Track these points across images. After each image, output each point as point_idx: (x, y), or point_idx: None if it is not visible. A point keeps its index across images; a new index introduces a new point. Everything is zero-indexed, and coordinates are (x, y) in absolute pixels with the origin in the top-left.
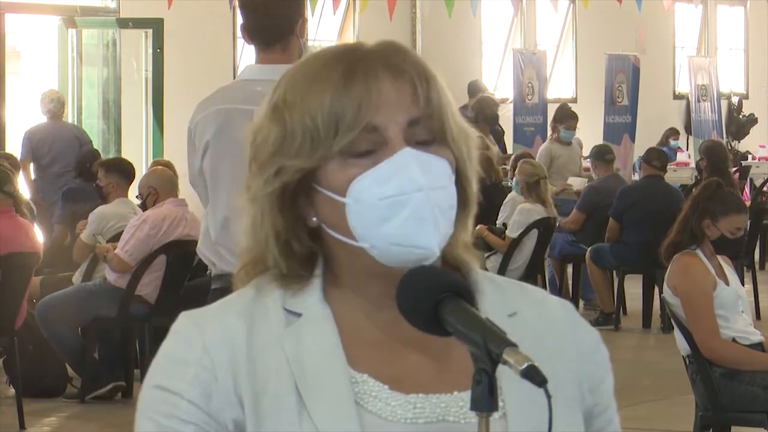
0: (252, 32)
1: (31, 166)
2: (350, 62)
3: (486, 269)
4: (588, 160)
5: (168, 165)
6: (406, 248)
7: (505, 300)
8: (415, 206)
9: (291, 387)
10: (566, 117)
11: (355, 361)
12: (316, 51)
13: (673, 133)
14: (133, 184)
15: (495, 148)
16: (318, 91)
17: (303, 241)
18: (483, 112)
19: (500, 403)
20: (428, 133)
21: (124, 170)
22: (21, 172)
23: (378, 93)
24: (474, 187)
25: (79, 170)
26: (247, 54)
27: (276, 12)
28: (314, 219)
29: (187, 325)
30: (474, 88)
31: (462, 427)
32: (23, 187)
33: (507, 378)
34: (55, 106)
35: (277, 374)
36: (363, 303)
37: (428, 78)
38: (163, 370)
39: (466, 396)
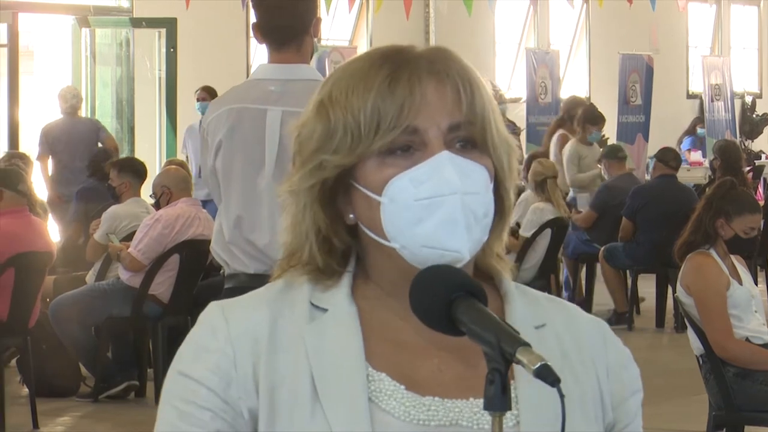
0: (266, 31)
1: (49, 162)
2: (396, 63)
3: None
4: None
5: (182, 164)
6: (436, 251)
7: (535, 312)
8: (449, 209)
9: (308, 381)
10: (599, 118)
11: (375, 359)
12: (366, 51)
13: (699, 121)
14: (145, 183)
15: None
16: (363, 89)
17: (342, 238)
18: (569, 113)
19: (515, 411)
20: (469, 138)
21: (136, 170)
22: (40, 169)
23: (421, 96)
24: (512, 198)
25: (92, 170)
26: (260, 53)
27: (291, 11)
28: (351, 216)
29: (214, 313)
30: None
31: None
32: (41, 183)
33: (522, 385)
34: (77, 102)
35: (296, 368)
36: (393, 303)
37: (473, 84)
38: (186, 356)
39: (482, 403)
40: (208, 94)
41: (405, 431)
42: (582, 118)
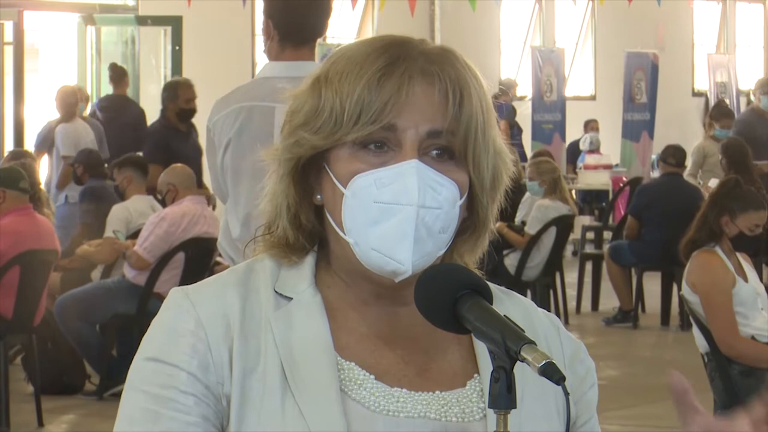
0: (288, 28)
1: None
2: (394, 57)
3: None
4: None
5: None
6: (383, 256)
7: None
8: (401, 220)
9: (277, 368)
10: (722, 115)
11: (342, 349)
12: (374, 35)
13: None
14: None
15: None
16: (355, 76)
17: (308, 216)
18: None
19: (481, 405)
20: (447, 148)
21: (135, 163)
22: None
23: (407, 95)
24: (489, 212)
25: (91, 171)
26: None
27: (320, 10)
28: (318, 197)
29: (179, 298)
30: (507, 85)
31: (443, 425)
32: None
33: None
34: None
35: (266, 354)
36: (350, 296)
37: (464, 92)
38: (157, 342)
39: (448, 395)
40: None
41: (376, 421)
42: (709, 114)
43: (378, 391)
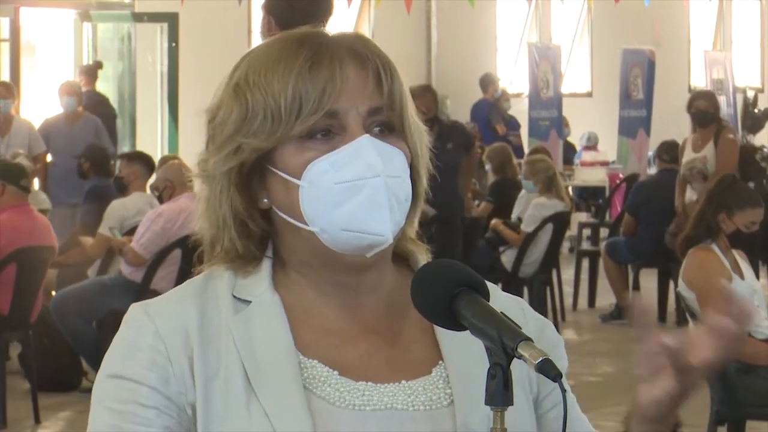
0: (291, 28)
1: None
2: (314, 45)
3: (502, 262)
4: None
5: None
6: (356, 234)
7: None
8: (373, 191)
9: (239, 371)
10: None
11: (304, 347)
12: (278, 35)
13: None
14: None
15: None
16: (283, 72)
17: (257, 222)
18: None
19: (448, 390)
20: (388, 123)
21: (146, 161)
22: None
23: (342, 79)
24: (424, 183)
25: (96, 168)
26: None
27: (322, 9)
28: (265, 201)
29: (137, 313)
30: (486, 81)
31: (411, 414)
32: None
33: (452, 363)
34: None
35: (227, 359)
36: (311, 291)
37: (392, 70)
38: (116, 358)
39: (414, 384)
40: (5, 89)
41: (342, 417)
42: None
43: (342, 387)
